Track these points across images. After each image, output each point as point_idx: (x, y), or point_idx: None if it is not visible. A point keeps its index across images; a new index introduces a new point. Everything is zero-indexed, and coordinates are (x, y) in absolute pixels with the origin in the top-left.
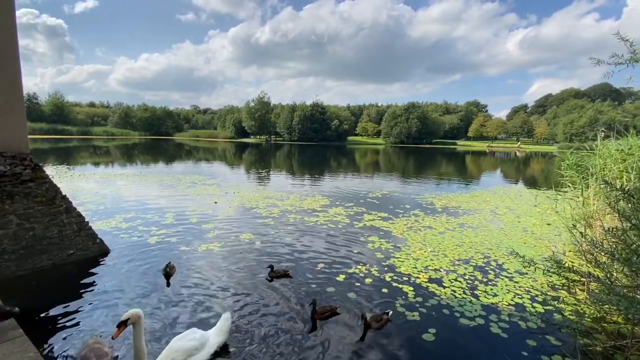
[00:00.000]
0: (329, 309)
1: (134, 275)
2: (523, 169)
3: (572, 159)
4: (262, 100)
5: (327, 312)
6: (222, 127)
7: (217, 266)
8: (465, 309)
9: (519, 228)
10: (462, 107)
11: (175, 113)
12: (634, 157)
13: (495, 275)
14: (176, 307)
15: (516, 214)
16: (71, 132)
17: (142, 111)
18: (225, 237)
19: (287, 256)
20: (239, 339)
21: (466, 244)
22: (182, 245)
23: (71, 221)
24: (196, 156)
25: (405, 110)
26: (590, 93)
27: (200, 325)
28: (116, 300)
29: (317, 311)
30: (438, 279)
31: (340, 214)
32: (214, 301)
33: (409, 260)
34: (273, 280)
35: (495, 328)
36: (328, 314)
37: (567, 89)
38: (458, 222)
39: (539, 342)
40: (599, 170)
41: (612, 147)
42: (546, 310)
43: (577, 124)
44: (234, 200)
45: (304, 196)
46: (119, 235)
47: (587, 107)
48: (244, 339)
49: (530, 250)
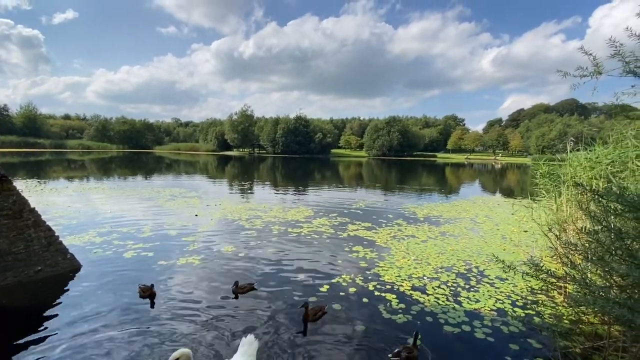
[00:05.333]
0: (319, 309)
1: (107, 292)
2: (500, 179)
3: (545, 168)
4: (245, 113)
5: (318, 312)
6: (204, 140)
7: (198, 280)
8: (449, 316)
9: (498, 235)
10: (440, 121)
11: (155, 126)
12: (601, 165)
13: (477, 281)
14: (157, 325)
15: (495, 222)
16: (44, 145)
17: (121, 124)
18: (207, 250)
19: (270, 267)
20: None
21: (448, 252)
22: (161, 259)
23: (40, 235)
24: (177, 169)
25: (387, 124)
26: (558, 108)
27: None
28: (86, 321)
29: (309, 313)
30: (422, 286)
31: (325, 225)
32: (197, 316)
33: (392, 268)
34: (238, 297)
35: (479, 333)
36: (319, 314)
37: (538, 104)
38: (440, 231)
39: (521, 345)
40: (570, 177)
41: (581, 157)
42: (526, 314)
43: (548, 137)
44: (215, 213)
45: (287, 208)
46: (92, 250)
47: (556, 121)
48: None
49: (510, 256)
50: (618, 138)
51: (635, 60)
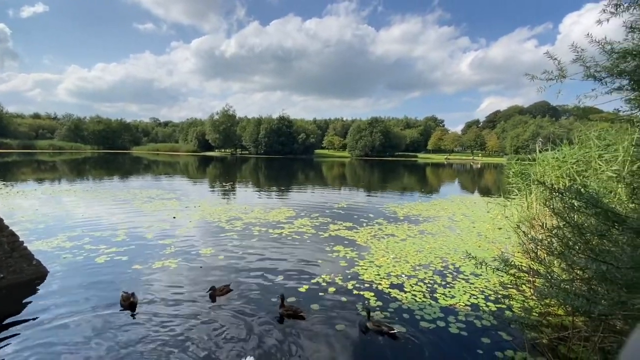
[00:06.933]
0: (294, 310)
1: (74, 299)
2: (477, 179)
3: (517, 168)
4: (227, 113)
5: (292, 312)
6: (184, 140)
7: (174, 284)
8: (425, 312)
9: (474, 233)
10: (421, 122)
11: (133, 125)
12: (567, 165)
13: (453, 278)
14: (129, 333)
15: (471, 220)
16: (11, 146)
17: (96, 123)
18: (185, 252)
19: (250, 269)
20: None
21: (426, 250)
22: (135, 263)
23: (2, 241)
24: (155, 170)
25: (369, 125)
26: (532, 110)
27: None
28: (52, 333)
29: (285, 306)
30: (400, 284)
31: (306, 225)
32: (173, 322)
33: (372, 267)
34: (216, 300)
35: (453, 328)
36: (291, 313)
37: (513, 106)
38: (419, 229)
39: (493, 338)
40: (539, 176)
41: (549, 157)
42: (498, 308)
43: (522, 137)
44: (194, 215)
45: (269, 209)
46: (62, 256)
47: (529, 123)
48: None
49: (484, 252)
50: (583, 139)
51: (595, 65)
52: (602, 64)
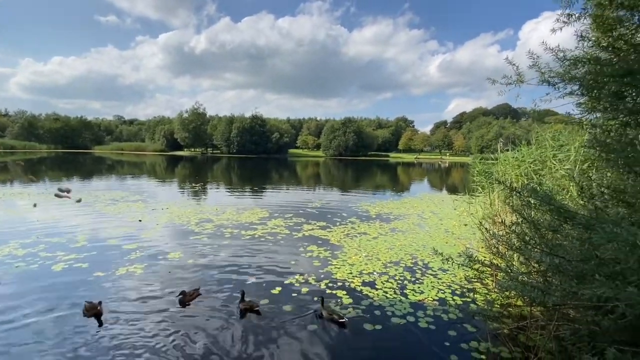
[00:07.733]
0: (250, 305)
1: (27, 311)
2: (446, 177)
3: (481, 167)
4: (197, 111)
5: (249, 307)
6: (150, 139)
7: (140, 291)
8: (396, 308)
9: (442, 230)
10: (392, 122)
11: (94, 124)
12: (525, 164)
13: (422, 274)
14: (90, 345)
15: (439, 217)
16: None
17: (52, 121)
18: (151, 257)
19: (221, 272)
20: None
21: (397, 247)
22: (97, 270)
23: None
24: (120, 171)
25: (343, 125)
26: (495, 111)
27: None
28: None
29: (244, 301)
30: (371, 282)
31: (280, 226)
32: (139, 333)
33: (345, 266)
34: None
35: (422, 323)
36: (248, 308)
37: (478, 108)
38: (390, 227)
39: (458, 331)
40: (501, 175)
41: (510, 156)
42: (463, 302)
43: (487, 138)
44: (162, 217)
45: (241, 210)
46: (13, 265)
47: (493, 124)
48: None
49: (451, 249)
50: (539, 139)
51: (549, 71)
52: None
